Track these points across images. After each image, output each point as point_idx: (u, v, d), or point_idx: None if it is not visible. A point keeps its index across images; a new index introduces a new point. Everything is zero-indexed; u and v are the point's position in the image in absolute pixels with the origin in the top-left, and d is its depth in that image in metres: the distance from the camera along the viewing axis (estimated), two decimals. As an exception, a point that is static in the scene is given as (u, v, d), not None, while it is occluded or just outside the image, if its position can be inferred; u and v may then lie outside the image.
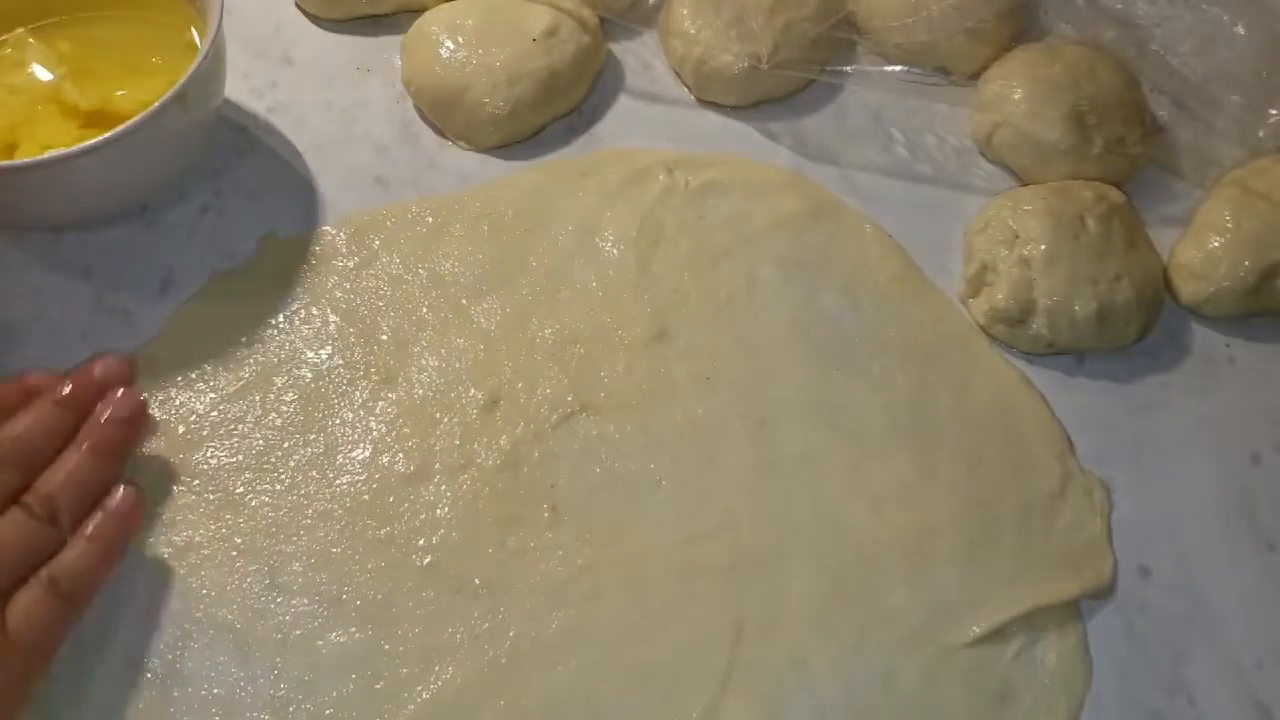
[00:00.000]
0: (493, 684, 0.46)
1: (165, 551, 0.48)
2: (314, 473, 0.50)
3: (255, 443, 0.50)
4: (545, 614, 0.47)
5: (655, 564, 0.49)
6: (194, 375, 0.52)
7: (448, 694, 0.46)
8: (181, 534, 0.48)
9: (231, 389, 0.52)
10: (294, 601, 0.47)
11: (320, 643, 0.46)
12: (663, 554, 0.49)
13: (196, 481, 0.49)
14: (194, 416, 0.51)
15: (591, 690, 0.46)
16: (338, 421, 0.51)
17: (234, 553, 0.48)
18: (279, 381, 0.52)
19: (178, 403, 0.51)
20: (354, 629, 0.47)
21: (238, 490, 0.49)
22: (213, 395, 0.52)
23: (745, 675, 0.47)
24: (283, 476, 0.50)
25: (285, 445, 0.51)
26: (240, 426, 0.51)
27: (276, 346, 0.53)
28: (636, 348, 0.54)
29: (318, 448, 0.51)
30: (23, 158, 0.51)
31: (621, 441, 0.52)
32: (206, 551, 0.48)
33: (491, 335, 0.54)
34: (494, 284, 0.56)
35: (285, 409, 0.51)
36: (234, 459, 0.50)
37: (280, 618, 0.47)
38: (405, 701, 0.45)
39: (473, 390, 0.52)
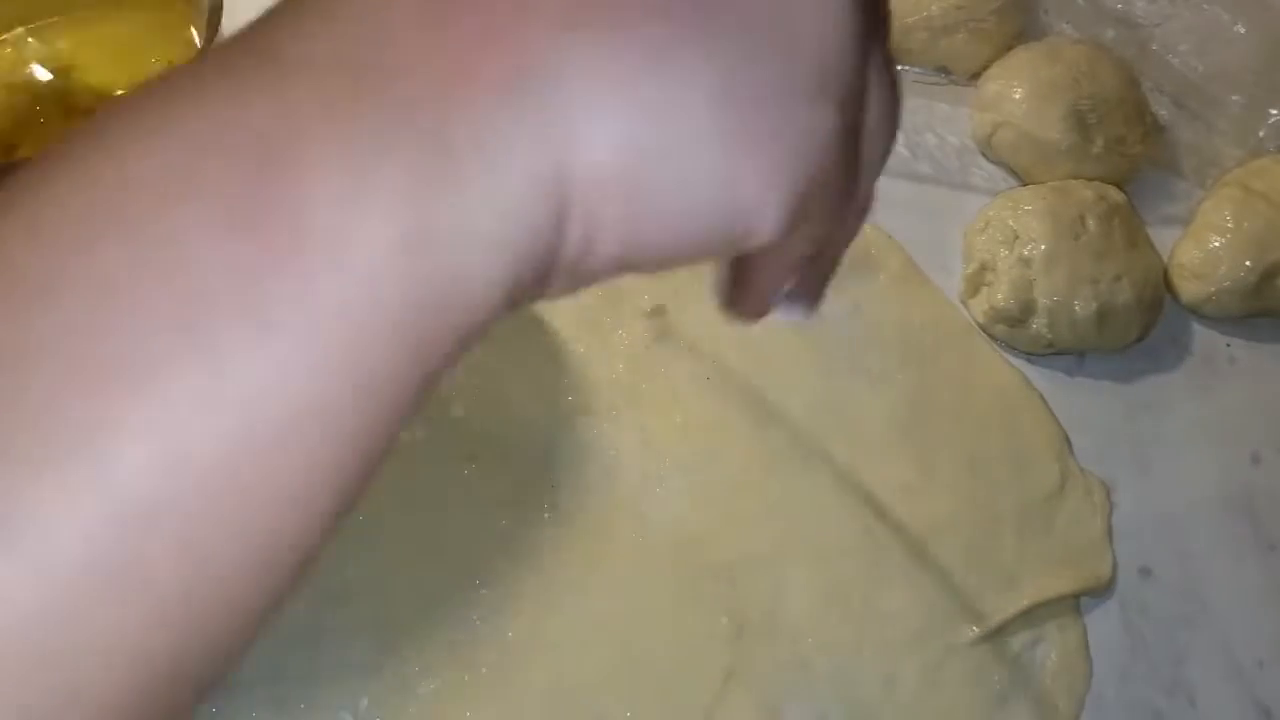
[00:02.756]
0: (493, 684, 0.46)
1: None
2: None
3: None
4: (545, 613, 0.47)
5: (655, 564, 0.49)
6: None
7: (448, 693, 0.46)
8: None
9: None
10: (294, 602, 0.47)
11: (320, 641, 0.46)
12: (663, 554, 0.49)
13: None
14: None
15: (592, 690, 0.46)
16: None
17: (234, 553, 0.48)
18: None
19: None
20: (354, 627, 0.47)
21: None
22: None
23: (745, 675, 0.47)
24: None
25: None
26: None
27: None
28: (636, 348, 0.54)
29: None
30: (23, 157, 0.51)
31: (621, 441, 0.52)
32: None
33: (492, 335, 0.54)
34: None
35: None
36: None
37: (281, 618, 0.47)
38: (405, 700, 0.45)
39: (473, 390, 0.52)
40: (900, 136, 0.66)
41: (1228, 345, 0.58)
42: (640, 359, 0.54)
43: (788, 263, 0.23)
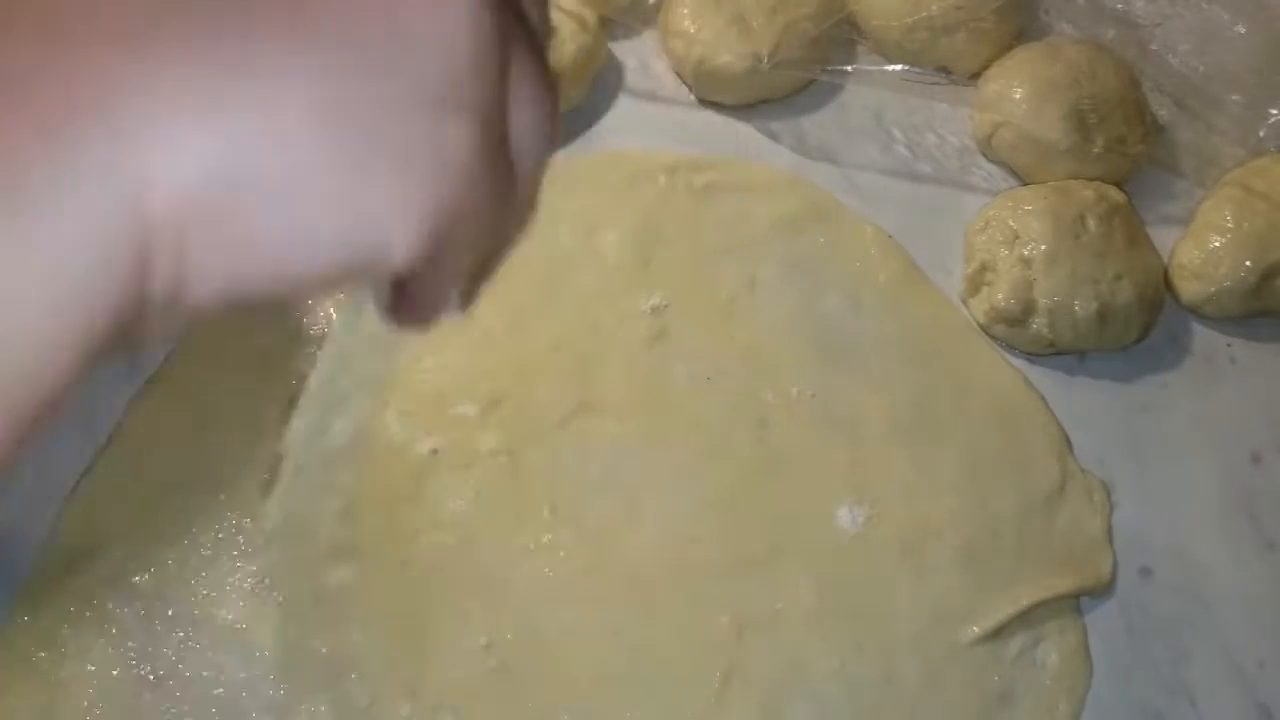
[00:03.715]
0: (493, 684, 0.46)
1: (169, 552, 0.48)
2: (321, 473, 0.50)
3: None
4: (545, 614, 0.47)
5: (655, 564, 0.49)
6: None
7: (447, 694, 0.46)
8: (188, 535, 0.48)
9: (252, 390, 0.52)
10: (295, 602, 0.47)
11: (321, 643, 0.46)
12: (663, 554, 0.49)
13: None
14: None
15: (592, 690, 0.46)
16: (345, 421, 0.51)
17: (235, 553, 0.48)
18: (292, 383, 0.52)
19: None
20: (354, 629, 0.47)
21: (250, 490, 0.49)
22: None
23: (745, 675, 0.47)
24: (292, 476, 0.50)
25: (298, 445, 0.50)
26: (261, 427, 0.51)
27: (287, 347, 0.53)
28: (636, 348, 0.54)
29: (327, 448, 0.50)
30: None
31: (621, 441, 0.52)
32: (208, 552, 0.48)
33: (492, 335, 0.54)
34: (493, 283, 0.55)
35: (299, 409, 0.51)
36: (251, 459, 0.50)
37: (281, 618, 0.47)
38: (406, 701, 0.45)
39: (473, 390, 0.52)
40: (901, 136, 0.66)
41: (1228, 345, 0.58)
42: (640, 359, 0.54)
43: (447, 276, 0.22)
